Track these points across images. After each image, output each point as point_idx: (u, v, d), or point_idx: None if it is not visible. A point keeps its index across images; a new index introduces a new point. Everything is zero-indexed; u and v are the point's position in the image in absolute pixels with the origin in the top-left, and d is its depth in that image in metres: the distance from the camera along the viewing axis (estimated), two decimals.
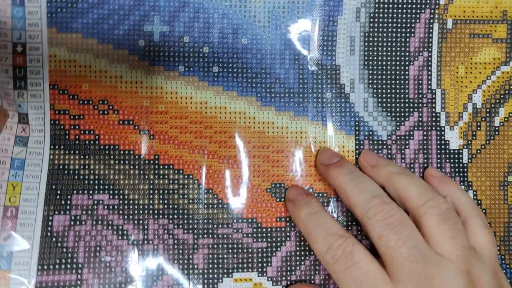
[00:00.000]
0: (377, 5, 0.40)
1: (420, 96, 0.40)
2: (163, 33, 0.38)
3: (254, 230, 0.39)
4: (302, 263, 0.39)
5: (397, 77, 0.40)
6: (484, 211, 0.41)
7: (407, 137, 0.40)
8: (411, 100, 0.40)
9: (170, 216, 0.38)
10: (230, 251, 0.38)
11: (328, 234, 0.34)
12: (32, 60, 0.37)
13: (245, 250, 0.38)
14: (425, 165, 0.40)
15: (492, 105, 0.41)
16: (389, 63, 0.40)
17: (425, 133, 0.40)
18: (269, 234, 0.39)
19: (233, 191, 0.39)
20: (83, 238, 0.37)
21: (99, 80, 0.38)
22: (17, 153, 0.37)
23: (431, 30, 0.40)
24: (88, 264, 0.37)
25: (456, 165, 0.41)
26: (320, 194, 0.39)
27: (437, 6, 0.40)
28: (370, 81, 0.40)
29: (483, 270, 0.32)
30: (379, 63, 0.40)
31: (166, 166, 0.38)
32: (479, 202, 0.41)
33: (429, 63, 0.40)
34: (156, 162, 0.38)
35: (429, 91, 0.40)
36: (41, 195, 0.37)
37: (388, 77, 0.40)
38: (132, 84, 0.38)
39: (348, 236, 0.34)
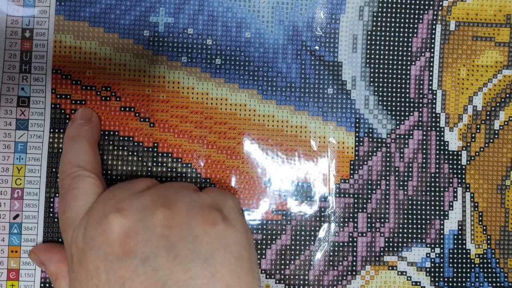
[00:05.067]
0: (380, 5, 0.40)
1: (421, 96, 0.41)
2: (168, 24, 0.39)
3: (250, 221, 0.39)
4: (297, 257, 0.39)
5: (399, 76, 0.40)
6: (480, 214, 0.41)
7: (406, 136, 0.40)
8: (412, 100, 0.41)
9: None
10: None
11: (70, 161, 0.35)
12: (37, 45, 0.38)
13: None
14: (424, 165, 0.40)
15: (493, 108, 0.41)
16: (391, 62, 0.40)
17: (424, 133, 0.41)
18: (264, 227, 0.39)
19: (231, 181, 0.39)
20: None
21: (103, 67, 0.39)
22: (19, 136, 0.38)
23: (433, 31, 0.41)
24: None
25: (455, 166, 0.41)
26: (318, 189, 0.39)
27: (440, 8, 0.41)
28: (372, 79, 0.40)
29: None
30: (381, 61, 0.40)
31: (165, 154, 0.39)
32: (476, 204, 0.41)
33: (431, 64, 0.41)
34: (155, 149, 0.39)
35: (430, 92, 0.41)
36: (42, 177, 0.38)
37: (390, 76, 0.40)
38: (136, 73, 0.39)
39: (86, 169, 0.35)
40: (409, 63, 0.41)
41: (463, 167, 0.41)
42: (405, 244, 0.40)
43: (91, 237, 0.30)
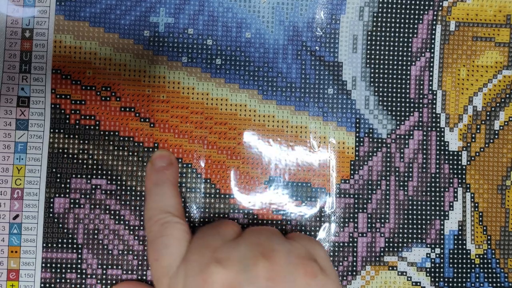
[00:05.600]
0: (380, 5, 0.40)
1: (421, 96, 0.41)
2: (168, 24, 0.39)
3: (250, 221, 0.39)
4: None
5: (399, 76, 0.40)
6: (480, 214, 0.41)
7: (406, 137, 0.40)
8: (412, 100, 0.41)
9: None
10: None
11: (156, 207, 0.35)
12: (37, 45, 0.38)
13: None
14: (424, 165, 0.40)
15: (493, 109, 0.41)
16: (391, 62, 0.40)
17: (425, 133, 0.41)
18: None
19: (231, 182, 0.39)
20: (82, 221, 0.38)
21: (103, 68, 0.39)
22: (19, 136, 0.38)
23: (433, 32, 0.41)
24: (87, 245, 0.38)
25: (455, 166, 0.41)
26: (318, 189, 0.39)
27: (440, 8, 0.41)
28: (372, 79, 0.40)
29: None
30: (381, 62, 0.40)
31: None
32: (476, 205, 0.41)
33: (431, 64, 0.41)
34: (156, 150, 0.39)
35: (430, 92, 0.41)
36: (42, 177, 0.38)
37: (390, 76, 0.40)
38: (136, 73, 0.39)
39: (174, 214, 0.35)
40: (409, 63, 0.41)
41: (463, 167, 0.41)
42: (405, 244, 0.40)
43: None
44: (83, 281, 0.38)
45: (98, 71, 0.38)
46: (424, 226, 0.40)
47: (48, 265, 0.38)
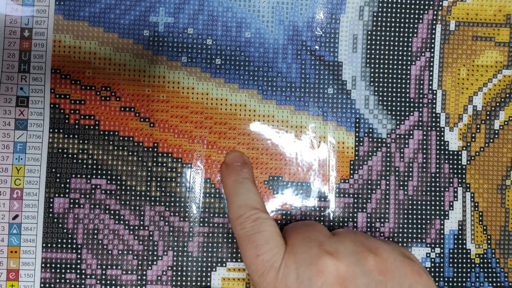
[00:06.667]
0: (380, 5, 0.40)
1: (421, 96, 0.41)
2: (168, 24, 0.39)
3: None
4: None
5: (399, 76, 0.40)
6: (480, 213, 0.41)
7: (406, 136, 0.40)
8: (412, 100, 0.41)
9: (167, 204, 0.38)
10: (225, 240, 0.39)
11: (244, 204, 0.36)
12: (36, 45, 0.38)
13: None
14: (424, 165, 0.40)
15: (493, 108, 0.41)
16: (391, 62, 0.40)
17: (425, 133, 0.41)
18: None
19: None
20: (82, 221, 0.38)
21: (103, 67, 0.38)
22: (18, 136, 0.38)
23: (433, 31, 0.41)
24: (86, 245, 0.38)
25: (455, 166, 0.41)
26: (318, 189, 0.39)
27: (440, 8, 0.41)
28: (372, 79, 0.40)
29: None
30: (381, 61, 0.40)
31: (165, 154, 0.39)
32: (476, 204, 0.41)
33: (431, 64, 0.41)
34: (155, 149, 0.39)
35: (430, 92, 0.41)
36: (42, 177, 0.38)
37: (390, 75, 0.40)
38: (135, 73, 0.39)
39: (262, 210, 0.36)
40: (409, 63, 0.41)
41: (463, 167, 0.41)
42: (405, 244, 0.40)
43: (308, 278, 0.32)
44: (83, 281, 0.38)
45: (97, 71, 0.38)
46: (424, 226, 0.40)
47: (48, 265, 0.38)
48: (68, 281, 0.38)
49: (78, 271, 0.38)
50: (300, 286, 0.32)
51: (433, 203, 0.40)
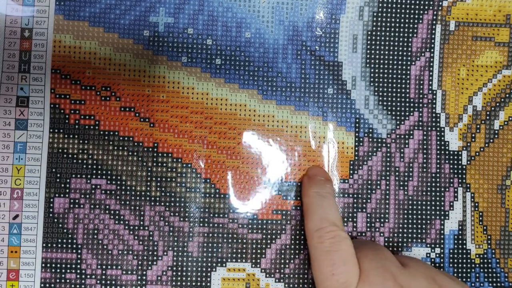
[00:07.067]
0: (380, 5, 0.40)
1: (421, 96, 0.41)
2: (168, 24, 0.39)
3: (250, 221, 0.39)
4: (296, 256, 0.39)
5: (399, 76, 0.40)
6: (480, 213, 0.41)
7: (406, 136, 0.40)
8: (412, 100, 0.41)
9: (167, 204, 0.38)
10: (225, 240, 0.39)
11: (325, 218, 0.36)
12: (36, 45, 0.38)
13: (239, 241, 0.39)
14: (424, 165, 0.40)
15: (492, 108, 0.41)
16: (391, 62, 0.40)
17: (425, 133, 0.41)
18: (264, 226, 0.39)
19: (231, 181, 0.39)
20: (82, 221, 0.38)
21: (103, 67, 0.39)
22: (18, 136, 0.38)
23: (433, 31, 0.41)
24: (86, 246, 0.38)
25: (455, 166, 0.41)
26: None
27: (440, 8, 0.41)
28: (372, 79, 0.40)
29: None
30: (381, 61, 0.40)
31: (165, 154, 0.39)
32: (476, 204, 0.41)
33: (431, 64, 0.41)
34: (155, 149, 0.39)
35: (430, 92, 0.41)
36: (42, 177, 0.38)
37: (390, 76, 0.40)
38: (135, 73, 0.39)
39: (341, 229, 0.36)
40: (409, 63, 0.41)
41: (464, 167, 0.41)
42: (405, 244, 0.40)
43: None
44: (83, 281, 0.38)
45: (97, 71, 0.38)
46: (424, 226, 0.40)
47: (48, 265, 0.38)
48: (68, 281, 0.38)
49: (78, 271, 0.38)
50: None
51: (433, 203, 0.40)
